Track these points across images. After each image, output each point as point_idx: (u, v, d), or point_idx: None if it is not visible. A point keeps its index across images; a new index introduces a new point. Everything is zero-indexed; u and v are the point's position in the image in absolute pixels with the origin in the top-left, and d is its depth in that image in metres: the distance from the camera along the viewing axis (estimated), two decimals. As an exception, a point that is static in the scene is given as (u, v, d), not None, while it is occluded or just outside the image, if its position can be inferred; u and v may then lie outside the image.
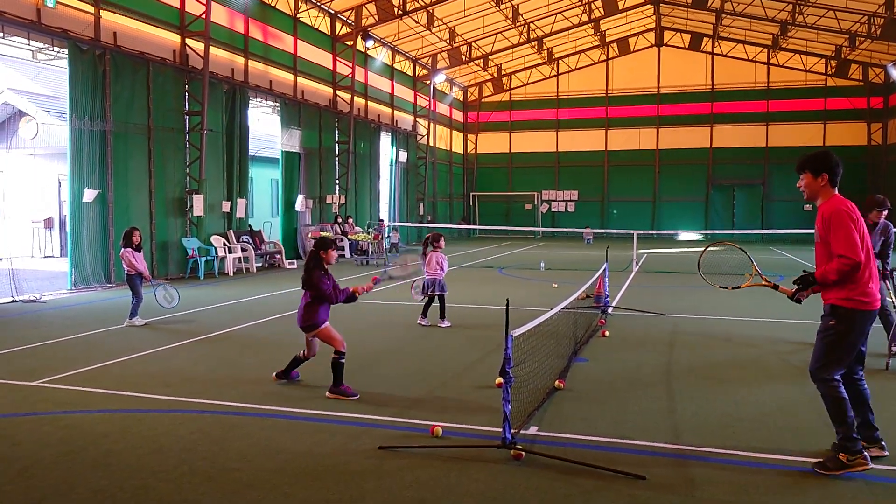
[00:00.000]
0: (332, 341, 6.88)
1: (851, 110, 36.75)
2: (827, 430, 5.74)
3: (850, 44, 31.89)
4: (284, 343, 9.48)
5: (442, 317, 10.83)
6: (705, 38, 37.79)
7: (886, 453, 5.07)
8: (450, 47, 33.11)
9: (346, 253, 23.69)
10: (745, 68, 38.04)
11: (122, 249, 10.81)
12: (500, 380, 5.44)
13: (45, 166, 21.59)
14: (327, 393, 6.79)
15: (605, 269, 11.94)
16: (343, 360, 6.82)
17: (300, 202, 23.50)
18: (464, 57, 34.82)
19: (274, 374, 7.39)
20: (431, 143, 36.09)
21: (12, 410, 6.32)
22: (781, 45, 35.24)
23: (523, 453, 5.05)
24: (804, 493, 4.51)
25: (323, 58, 25.75)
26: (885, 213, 8.06)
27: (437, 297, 10.82)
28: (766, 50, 36.99)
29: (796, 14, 29.48)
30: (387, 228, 26.40)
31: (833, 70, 36.47)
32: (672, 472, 4.84)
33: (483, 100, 42.70)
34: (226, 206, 19.62)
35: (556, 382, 7.03)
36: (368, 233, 24.47)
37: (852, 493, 4.53)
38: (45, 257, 21.69)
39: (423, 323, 10.85)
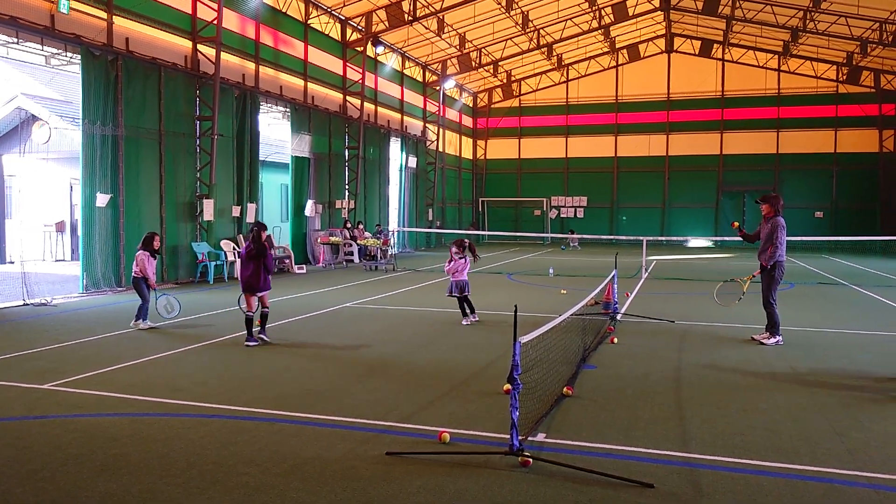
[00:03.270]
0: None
1: (863, 117, 36.55)
2: (837, 438, 5.71)
3: (862, 50, 31.74)
4: (294, 347, 9.51)
5: (471, 312, 11.87)
6: (716, 45, 37.70)
7: None
8: (459, 53, 33.18)
9: (355, 258, 23.73)
10: (756, 75, 37.92)
11: (140, 251, 10.75)
12: (508, 386, 5.44)
13: (58, 170, 21.76)
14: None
15: (614, 276, 11.92)
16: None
17: (310, 207, 23.59)
18: (473, 63, 34.88)
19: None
20: (441, 149, 36.15)
21: (23, 413, 6.36)
22: (792, 52, 35.12)
23: (531, 460, 5.04)
24: (814, 502, 4.48)
25: (333, 63, 25.86)
26: None
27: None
28: (776, 56, 36.87)
29: (807, 21, 29.37)
30: (385, 233, 26.33)
31: (844, 77, 36.30)
32: (680, 481, 4.82)
33: (492, 106, 42.75)
34: (236, 211, 19.71)
35: (565, 389, 7.01)
36: (377, 238, 24.50)
37: (862, 502, 4.49)
38: (57, 261, 21.83)
39: (466, 322, 11.63)
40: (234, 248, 18.89)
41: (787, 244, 9.95)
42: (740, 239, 10.49)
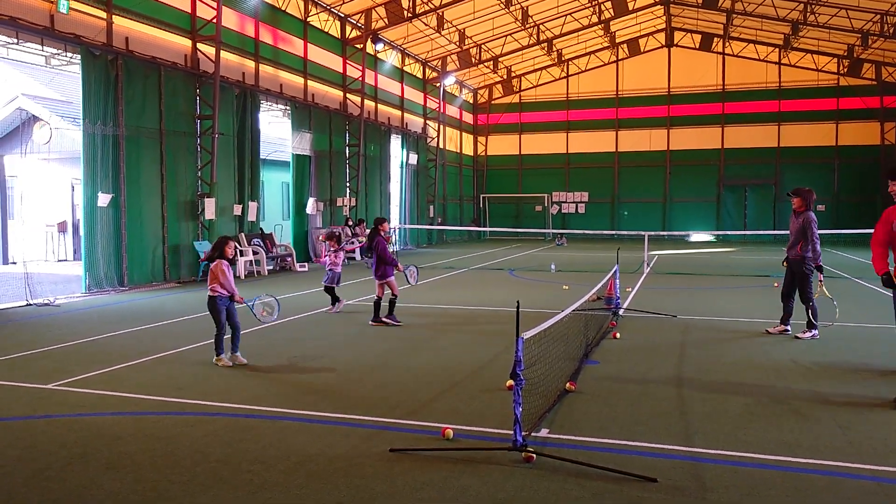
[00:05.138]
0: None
1: (864, 110, 36.47)
2: (839, 430, 5.72)
3: (863, 43, 31.64)
4: (296, 344, 9.53)
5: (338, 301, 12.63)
6: (716, 39, 37.63)
7: None
8: (459, 50, 33.13)
9: (357, 256, 23.74)
10: (757, 68, 37.84)
11: (215, 262, 8.38)
12: (510, 382, 5.45)
13: (59, 171, 21.76)
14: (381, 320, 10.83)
15: (615, 271, 11.92)
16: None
17: (311, 205, 23.60)
18: (473, 59, 34.83)
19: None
20: (441, 146, 36.12)
21: (27, 413, 6.38)
22: (793, 45, 35.03)
23: (534, 456, 5.05)
24: (816, 496, 4.49)
25: (333, 61, 25.84)
26: None
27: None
28: (777, 50, 36.79)
29: (808, 13, 29.31)
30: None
31: (845, 69, 36.22)
32: (683, 475, 4.83)
33: (493, 102, 42.69)
34: (237, 210, 19.72)
35: (567, 385, 7.02)
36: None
37: (864, 495, 4.51)
38: (59, 261, 21.86)
39: (336, 310, 12.43)
40: (234, 247, 18.87)
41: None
42: (741, 232, 10.48)
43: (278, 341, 9.77)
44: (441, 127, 35.76)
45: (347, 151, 26.63)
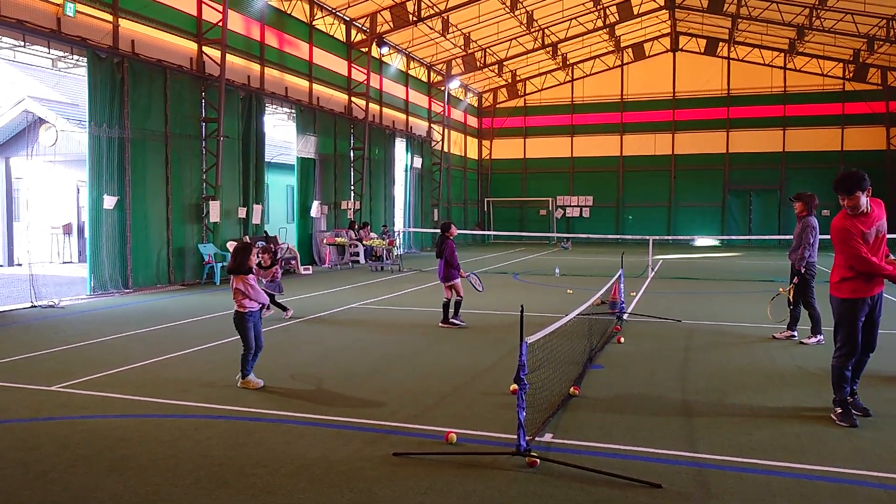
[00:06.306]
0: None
1: (870, 114, 36.39)
2: (845, 436, 5.68)
3: (869, 48, 31.61)
4: (300, 347, 9.52)
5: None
6: (721, 43, 37.60)
7: None
8: (464, 53, 33.17)
9: (361, 259, 23.75)
10: (762, 73, 37.80)
11: (237, 277, 7.28)
12: (514, 386, 5.43)
13: (64, 173, 21.83)
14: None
15: (620, 276, 11.89)
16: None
17: (315, 208, 23.62)
18: (478, 63, 34.87)
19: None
20: (446, 149, 36.15)
21: (31, 415, 6.38)
22: (798, 50, 35.00)
23: (538, 461, 5.03)
24: (822, 502, 4.46)
25: (338, 64, 25.89)
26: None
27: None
28: (782, 54, 36.75)
29: (813, 18, 29.27)
30: (391, 234, 26.40)
31: (851, 74, 36.15)
32: (688, 481, 4.80)
33: (497, 105, 42.72)
34: (242, 213, 19.75)
35: (571, 389, 7.00)
36: (383, 238, 24.55)
37: (872, 503, 4.47)
38: (64, 263, 21.91)
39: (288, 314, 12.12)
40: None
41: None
42: (746, 238, 10.43)
43: (281, 344, 9.76)
44: (446, 130, 35.78)
45: (352, 154, 26.67)
